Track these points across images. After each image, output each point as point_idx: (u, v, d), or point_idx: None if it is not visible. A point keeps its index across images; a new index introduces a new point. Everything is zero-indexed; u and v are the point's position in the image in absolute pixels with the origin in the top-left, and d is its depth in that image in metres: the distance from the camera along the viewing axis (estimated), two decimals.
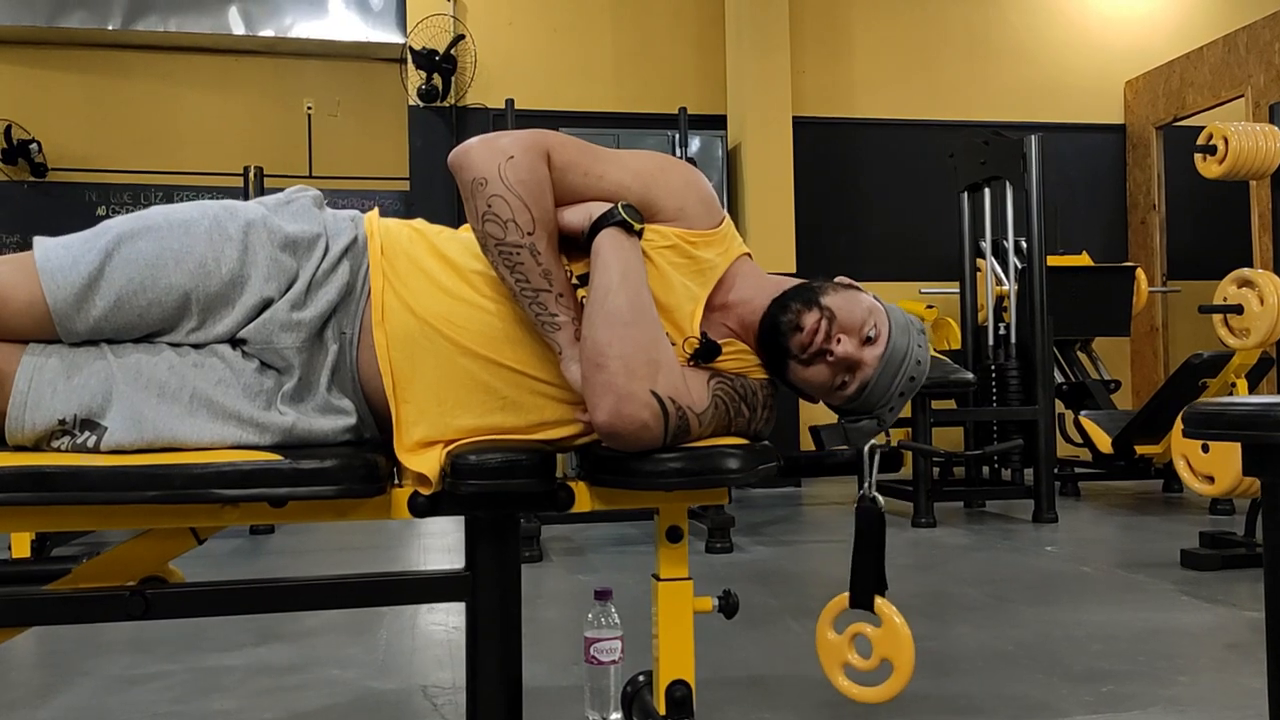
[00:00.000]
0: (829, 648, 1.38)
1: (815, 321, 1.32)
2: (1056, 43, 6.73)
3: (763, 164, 5.84)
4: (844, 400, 1.37)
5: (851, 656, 1.37)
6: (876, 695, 1.35)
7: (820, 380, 1.35)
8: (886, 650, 1.33)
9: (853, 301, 1.35)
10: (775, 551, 3.52)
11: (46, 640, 2.33)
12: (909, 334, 1.36)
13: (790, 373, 1.36)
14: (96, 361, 1.20)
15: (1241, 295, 3.61)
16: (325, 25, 6.39)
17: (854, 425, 1.37)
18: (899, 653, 1.32)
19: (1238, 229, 6.03)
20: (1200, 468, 3.01)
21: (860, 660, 1.36)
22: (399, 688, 1.95)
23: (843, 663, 1.38)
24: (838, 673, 1.38)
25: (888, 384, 1.34)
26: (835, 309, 1.33)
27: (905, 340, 1.35)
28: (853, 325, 1.33)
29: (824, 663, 1.39)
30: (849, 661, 1.37)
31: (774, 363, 1.37)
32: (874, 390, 1.34)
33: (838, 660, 1.38)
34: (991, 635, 2.28)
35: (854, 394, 1.35)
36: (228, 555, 3.50)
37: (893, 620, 1.33)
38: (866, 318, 1.34)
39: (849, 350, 1.32)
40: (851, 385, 1.34)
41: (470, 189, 1.24)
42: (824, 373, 1.34)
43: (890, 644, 1.32)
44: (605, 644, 1.64)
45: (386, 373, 1.28)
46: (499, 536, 1.31)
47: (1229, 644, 2.20)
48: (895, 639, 1.32)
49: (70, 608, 1.23)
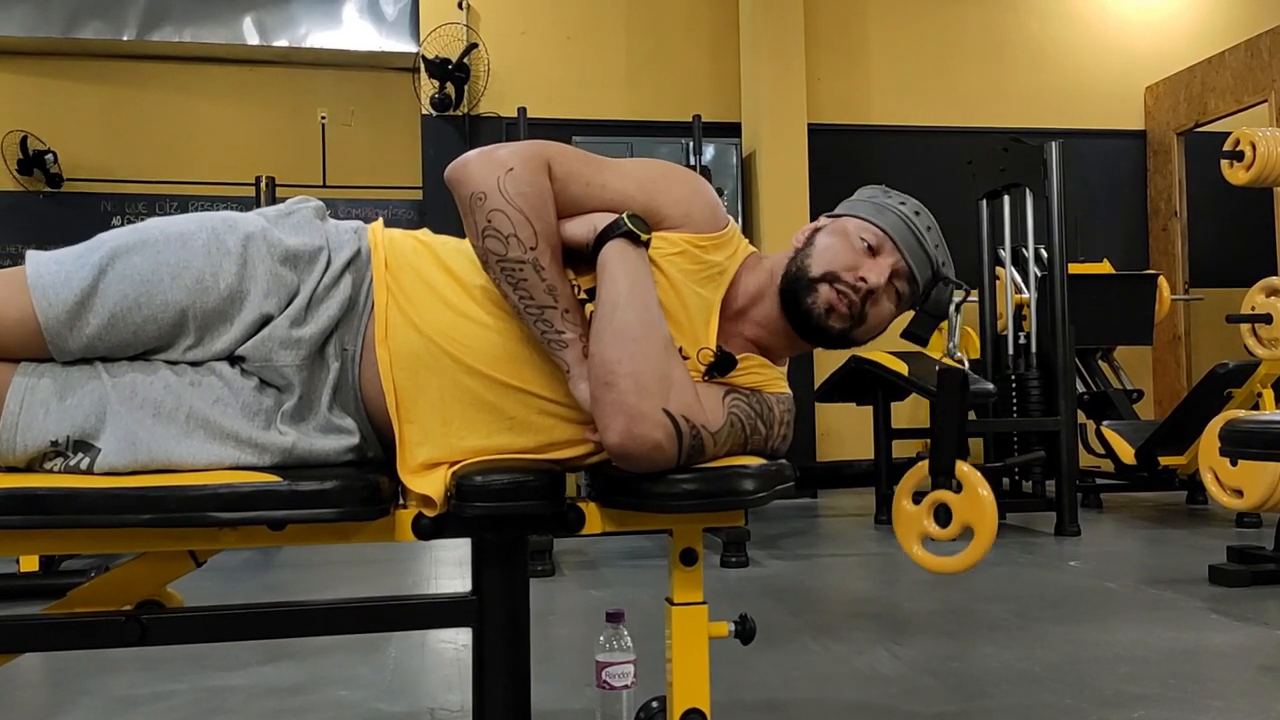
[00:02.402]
0: (906, 518, 1.35)
1: (829, 292, 1.30)
2: (1076, 48, 6.65)
3: (778, 172, 5.79)
4: (913, 299, 1.35)
5: (930, 526, 1.33)
6: (954, 564, 1.32)
7: (887, 313, 1.34)
8: (967, 516, 1.30)
9: (833, 241, 1.33)
10: (792, 566, 3.46)
11: (51, 659, 2.29)
12: (882, 203, 1.34)
13: (861, 338, 1.35)
14: (90, 381, 1.16)
15: (1270, 304, 3.54)
16: (339, 35, 6.38)
17: (930, 302, 1.35)
18: (981, 518, 1.29)
19: (1261, 235, 5.94)
20: (1229, 481, 2.94)
21: (939, 529, 1.32)
22: (407, 710, 1.90)
23: (920, 533, 1.34)
24: (914, 542, 1.35)
25: (920, 250, 1.32)
26: (829, 266, 1.31)
27: (889, 213, 1.33)
28: (851, 258, 1.31)
29: (900, 534, 1.36)
30: (926, 531, 1.34)
31: (842, 345, 1.36)
32: (919, 267, 1.32)
33: (915, 530, 1.35)
34: (1016, 655, 2.21)
35: (912, 289, 1.33)
36: (238, 569, 3.47)
37: (975, 486, 1.30)
38: (854, 241, 1.32)
39: (874, 278, 1.30)
40: (905, 286, 1.33)
41: (469, 204, 1.20)
42: (884, 306, 1.33)
43: (971, 509, 1.30)
44: (617, 669, 1.59)
45: (390, 392, 1.23)
46: (506, 559, 1.27)
47: (1262, 666, 2.13)
48: (977, 504, 1.29)
49: (65, 633, 1.20)
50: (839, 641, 2.37)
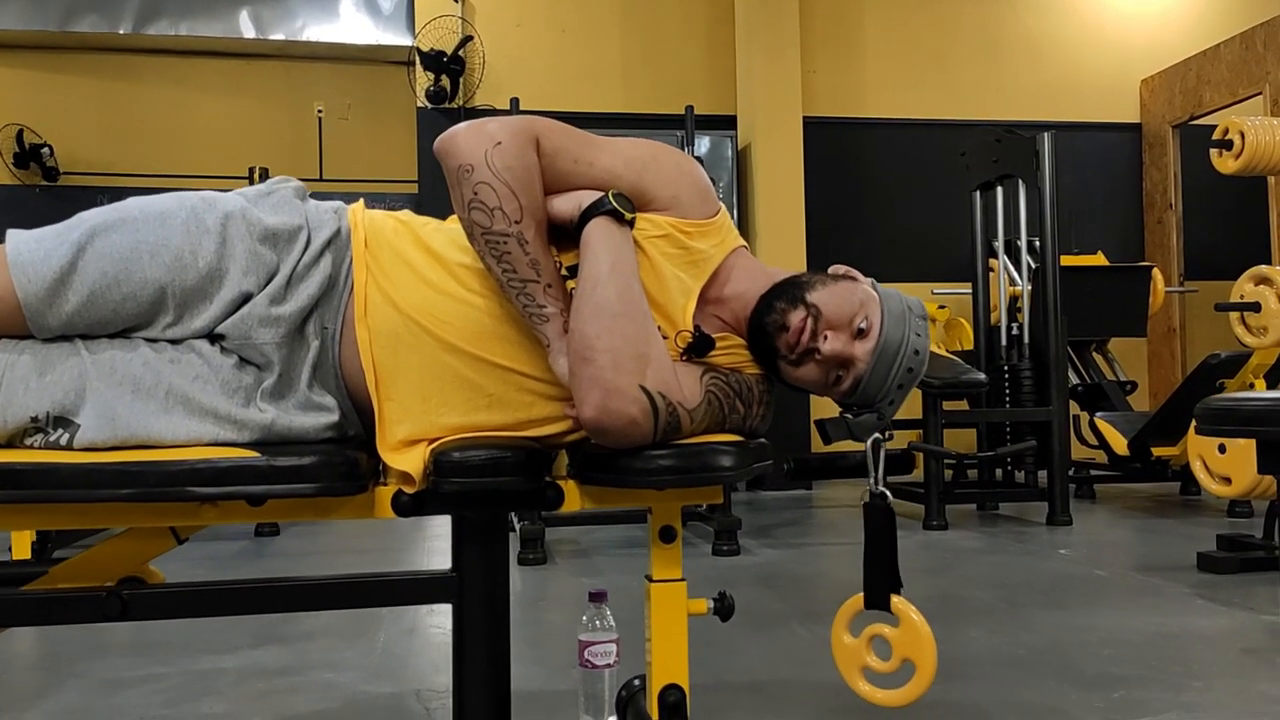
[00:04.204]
0: (846, 652, 1.33)
1: (801, 320, 1.27)
2: (1071, 41, 6.65)
3: (773, 165, 5.80)
4: (841, 396, 1.32)
5: (870, 659, 1.31)
6: (900, 698, 1.28)
7: (813, 378, 1.31)
8: (907, 650, 1.27)
9: (842, 294, 1.30)
10: (783, 554, 3.47)
11: (41, 642, 2.31)
12: (905, 323, 1.30)
13: (782, 373, 1.32)
14: (70, 358, 1.17)
15: (1259, 293, 3.54)
16: (336, 29, 6.38)
17: (855, 420, 1.32)
18: (920, 652, 1.26)
19: (1256, 228, 5.94)
20: (1217, 469, 2.95)
21: (880, 662, 1.29)
22: (392, 691, 1.91)
23: (861, 666, 1.31)
24: (857, 677, 1.32)
25: (883, 377, 1.29)
26: (821, 304, 1.28)
27: (900, 330, 1.29)
28: (841, 320, 1.28)
29: (841, 668, 1.33)
30: (868, 665, 1.31)
31: (766, 363, 1.33)
32: (869, 385, 1.29)
33: (856, 664, 1.32)
34: (1003, 640, 2.23)
35: (849, 390, 1.30)
36: (231, 557, 3.48)
37: (911, 618, 1.27)
38: (857, 310, 1.28)
39: (836, 348, 1.27)
40: (846, 381, 1.30)
41: (456, 175, 1.21)
42: (815, 371, 1.30)
43: (910, 643, 1.26)
44: (600, 647, 1.60)
45: (369, 369, 1.24)
46: (486, 536, 1.28)
47: (1246, 649, 2.14)
48: (915, 638, 1.26)
49: (46, 608, 1.20)
50: (826, 626, 2.37)
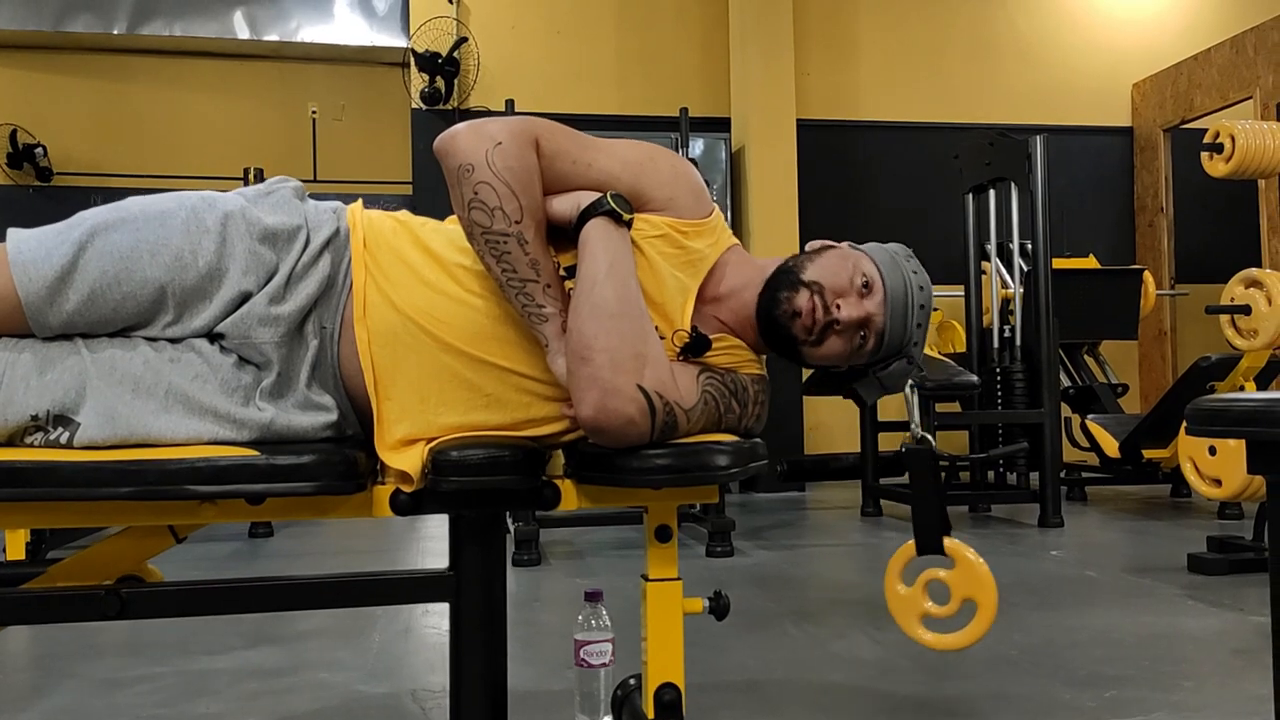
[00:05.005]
0: (902, 603, 1.32)
1: (808, 300, 1.30)
2: (1063, 45, 6.68)
3: (767, 167, 5.81)
4: (870, 356, 1.35)
5: (928, 605, 1.31)
6: (964, 639, 1.28)
7: (838, 350, 1.33)
8: (967, 589, 1.27)
9: (833, 262, 1.33)
10: (777, 556, 3.48)
11: (38, 642, 2.31)
12: (899, 265, 1.34)
13: (806, 357, 1.35)
14: (70, 357, 1.17)
15: (1249, 296, 3.56)
16: (330, 30, 6.38)
17: (886, 372, 1.35)
18: (981, 589, 1.26)
19: (1247, 231, 5.97)
20: (1207, 470, 2.97)
21: (938, 607, 1.30)
22: (388, 691, 1.92)
23: (920, 614, 1.31)
24: (916, 625, 1.32)
25: (902, 320, 1.32)
26: (820, 278, 1.31)
27: (898, 273, 1.33)
28: (844, 285, 1.31)
29: (899, 619, 1.33)
30: (927, 611, 1.31)
31: (788, 354, 1.36)
32: (892, 333, 1.33)
33: (915, 613, 1.32)
34: (994, 639, 2.24)
35: (875, 346, 1.33)
36: (225, 558, 3.48)
37: (967, 558, 1.27)
38: (853, 272, 1.32)
39: (852, 312, 1.30)
40: (870, 340, 1.33)
41: (456, 175, 1.22)
42: (839, 343, 1.33)
43: (970, 582, 1.27)
44: (595, 647, 1.61)
45: (368, 369, 1.25)
46: (483, 535, 1.29)
47: (1235, 649, 2.16)
48: (974, 576, 1.27)
49: (44, 607, 1.21)
50: (819, 626, 2.39)
